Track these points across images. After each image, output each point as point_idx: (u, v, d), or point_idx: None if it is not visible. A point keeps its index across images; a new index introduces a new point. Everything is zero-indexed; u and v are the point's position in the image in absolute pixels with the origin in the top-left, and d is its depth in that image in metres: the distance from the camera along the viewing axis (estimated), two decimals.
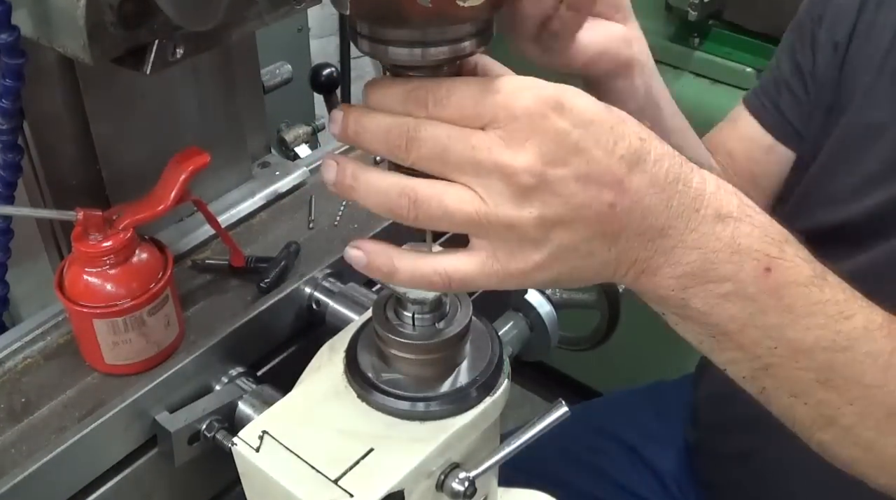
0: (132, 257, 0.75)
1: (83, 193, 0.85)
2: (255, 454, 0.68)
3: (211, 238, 0.91)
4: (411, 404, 0.69)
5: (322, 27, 2.07)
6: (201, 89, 0.89)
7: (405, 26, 0.57)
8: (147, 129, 0.86)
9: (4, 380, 0.78)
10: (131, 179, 0.86)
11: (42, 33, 0.65)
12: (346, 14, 0.55)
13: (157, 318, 0.76)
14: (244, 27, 0.71)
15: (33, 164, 0.82)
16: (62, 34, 0.63)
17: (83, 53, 0.62)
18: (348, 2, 0.54)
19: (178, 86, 0.87)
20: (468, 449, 0.71)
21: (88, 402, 0.76)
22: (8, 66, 0.69)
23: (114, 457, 0.74)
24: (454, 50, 0.57)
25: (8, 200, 0.78)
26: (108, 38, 0.62)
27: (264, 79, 1.06)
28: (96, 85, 0.80)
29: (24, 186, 0.80)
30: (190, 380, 0.77)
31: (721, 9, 1.72)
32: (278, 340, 0.84)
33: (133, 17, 0.62)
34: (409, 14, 0.54)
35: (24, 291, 0.92)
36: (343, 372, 0.72)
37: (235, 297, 0.86)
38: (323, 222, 0.95)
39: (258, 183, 0.98)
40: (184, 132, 0.90)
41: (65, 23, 0.62)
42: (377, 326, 0.71)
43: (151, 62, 0.66)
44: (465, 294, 0.72)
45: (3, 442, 0.73)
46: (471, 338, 0.73)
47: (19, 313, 0.94)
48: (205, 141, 0.90)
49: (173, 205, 0.75)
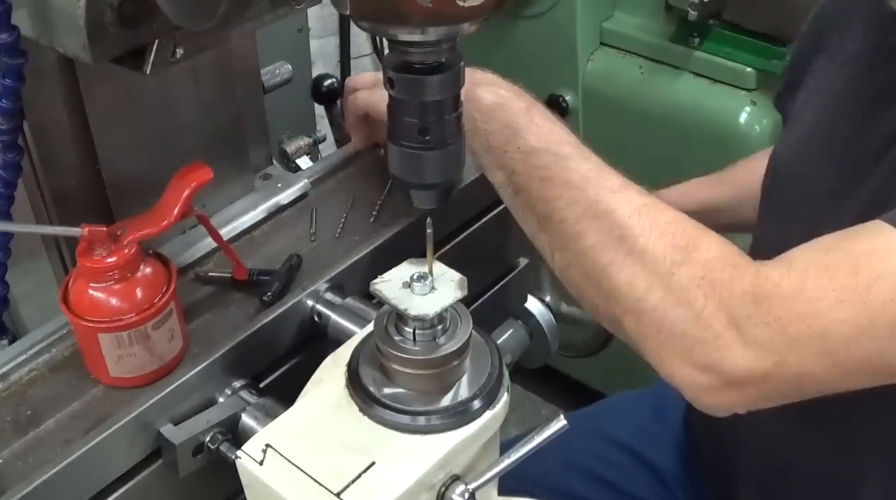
0: (136, 271, 0.76)
1: (83, 193, 0.85)
2: (259, 466, 0.69)
3: (213, 250, 0.92)
4: (412, 418, 0.70)
5: (322, 27, 2.07)
6: (201, 89, 0.90)
7: (406, 25, 0.57)
8: (147, 129, 0.87)
9: (10, 392, 0.79)
10: (131, 178, 0.86)
11: (42, 33, 0.65)
12: (346, 14, 0.56)
13: (161, 332, 0.77)
14: (244, 27, 0.72)
15: (33, 163, 0.82)
16: (62, 34, 0.64)
17: (83, 53, 0.63)
18: (348, 2, 0.55)
19: (178, 86, 0.87)
20: (468, 462, 0.72)
21: (94, 414, 0.77)
22: (8, 67, 0.69)
23: (119, 469, 0.75)
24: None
25: (8, 200, 0.79)
26: (108, 38, 0.63)
27: (264, 79, 1.06)
28: (96, 85, 0.80)
29: (23, 186, 0.80)
30: (194, 393, 0.78)
31: (721, 9, 1.72)
32: (280, 352, 0.85)
33: (133, 17, 0.63)
34: (409, 14, 0.55)
35: (24, 291, 0.92)
36: (345, 386, 0.73)
37: (238, 309, 0.86)
38: (324, 235, 0.95)
39: (260, 195, 0.98)
40: (184, 132, 0.90)
41: (65, 23, 0.62)
42: (378, 341, 0.72)
43: (151, 62, 0.67)
44: (465, 309, 0.73)
45: (10, 454, 0.74)
46: (471, 351, 0.74)
47: (19, 313, 0.95)
48: (205, 142, 0.91)
49: (177, 221, 0.76)
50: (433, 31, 0.59)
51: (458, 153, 0.68)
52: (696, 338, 0.74)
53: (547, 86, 1.89)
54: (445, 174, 0.68)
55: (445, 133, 0.66)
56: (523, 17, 1.87)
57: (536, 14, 1.86)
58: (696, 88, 1.76)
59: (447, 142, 0.66)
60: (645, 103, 1.79)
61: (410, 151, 0.66)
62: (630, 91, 1.81)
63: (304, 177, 1.02)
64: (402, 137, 0.66)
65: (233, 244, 0.92)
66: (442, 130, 0.65)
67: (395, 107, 0.65)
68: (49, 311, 0.92)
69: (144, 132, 0.86)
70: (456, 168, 0.69)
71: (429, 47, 0.61)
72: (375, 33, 0.59)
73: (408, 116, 0.65)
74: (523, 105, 0.86)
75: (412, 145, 0.66)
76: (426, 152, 0.66)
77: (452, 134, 0.67)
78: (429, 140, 0.65)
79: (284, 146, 1.10)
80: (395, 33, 0.60)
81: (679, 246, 0.76)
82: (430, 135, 0.65)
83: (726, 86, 1.73)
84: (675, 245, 0.76)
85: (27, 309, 0.95)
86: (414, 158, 0.66)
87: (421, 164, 0.67)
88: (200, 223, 0.84)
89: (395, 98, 0.65)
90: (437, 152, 0.66)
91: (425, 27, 0.58)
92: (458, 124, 0.67)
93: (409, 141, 0.66)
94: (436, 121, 0.65)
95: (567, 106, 1.89)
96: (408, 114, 0.65)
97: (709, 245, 0.76)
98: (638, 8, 1.81)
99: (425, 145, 0.66)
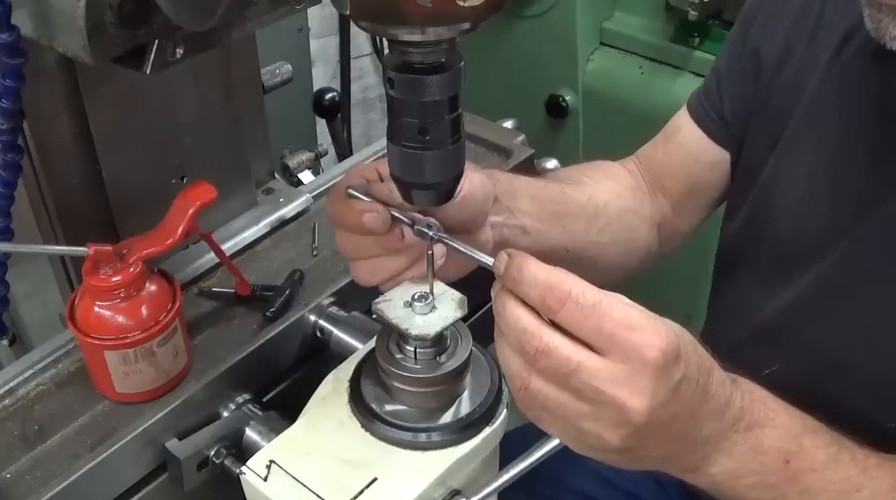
0: (142, 289, 0.77)
1: (83, 193, 0.85)
2: (263, 482, 0.70)
3: (217, 266, 0.93)
4: (413, 435, 0.72)
5: (322, 27, 2.07)
6: (201, 89, 0.90)
7: (406, 25, 0.58)
8: (147, 129, 0.87)
9: (17, 407, 0.80)
10: (131, 178, 0.86)
11: (42, 33, 0.66)
12: (346, 14, 0.57)
13: (166, 348, 0.78)
14: (244, 27, 0.72)
15: (33, 164, 0.82)
16: (62, 34, 0.64)
17: (83, 53, 0.63)
18: (348, 2, 0.56)
19: (178, 86, 0.88)
20: (469, 477, 0.73)
21: (100, 430, 0.78)
22: (8, 67, 0.69)
23: (125, 483, 0.77)
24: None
25: (8, 200, 0.79)
26: (108, 38, 0.63)
27: (264, 78, 1.06)
28: (96, 85, 0.80)
29: (23, 186, 0.81)
30: (198, 408, 0.79)
31: (721, 9, 1.72)
32: (283, 367, 0.86)
33: (133, 17, 0.63)
34: (409, 14, 0.56)
35: (24, 291, 0.93)
36: (347, 402, 0.74)
37: (242, 325, 0.87)
38: (326, 250, 0.96)
39: (262, 210, 0.99)
40: (184, 132, 0.90)
41: (65, 23, 0.62)
42: (380, 359, 0.73)
43: (151, 62, 0.67)
44: (465, 327, 0.74)
45: (18, 469, 0.75)
46: (471, 368, 0.75)
47: (19, 312, 0.96)
48: (205, 141, 0.90)
49: (181, 239, 0.77)
50: (433, 31, 0.59)
51: (458, 153, 0.68)
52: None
53: (547, 86, 1.90)
54: (445, 174, 0.68)
55: (445, 133, 0.66)
56: (523, 17, 1.87)
57: (536, 14, 1.86)
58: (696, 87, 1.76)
59: (447, 142, 0.66)
60: (645, 103, 1.79)
61: (410, 151, 0.66)
62: (630, 91, 1.82)
63: (305, 191, 1.03)
64: (401, 137, 0.66)
65: (235, 259, 0.93)
66: (442, 130, 0.65)
67: (395, 107, 0.65)
68: (49, 311, 0.93)
69: (144, 132, 0.87)
70: (456, 168, 0.69)
71: (429, 47, 0.61)
72: (375, 33, 0.59)
73: (408, 116, 0.65)
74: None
75: (412, 145, 0.66)
76: (426, 152, 0.66)
77: (452, 134, 0.67)
78: (429, 140, 0.65)
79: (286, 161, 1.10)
80: (395, 33, 0.60)
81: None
82: (429, 135, 0.65)
83: None
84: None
85: (27, 309, 0.96)
86: (414, 158, 0.67)
87: (421, 164, 0.67)
88: (204, 241, 0.84)
89: (395, 98, 0.65)
90: (437, 152, 0.66)
91: (425, 27, 0.58)
92: (458, 125, 0.67)
93: (409, 141, 0.66)
94: (435, 121, 0.65)
95: (567, 106, 1.89)
96: (408, 114, 0.65)
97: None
98: (638, 8, 1.81)
99: (425, 145, 0.66)
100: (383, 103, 0.92)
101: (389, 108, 0.66)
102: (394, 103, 0.65)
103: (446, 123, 0.65)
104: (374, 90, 2.32)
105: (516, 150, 1.12)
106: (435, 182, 0.68)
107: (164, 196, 0.81)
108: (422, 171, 0.67)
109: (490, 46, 1.89)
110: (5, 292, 0.86)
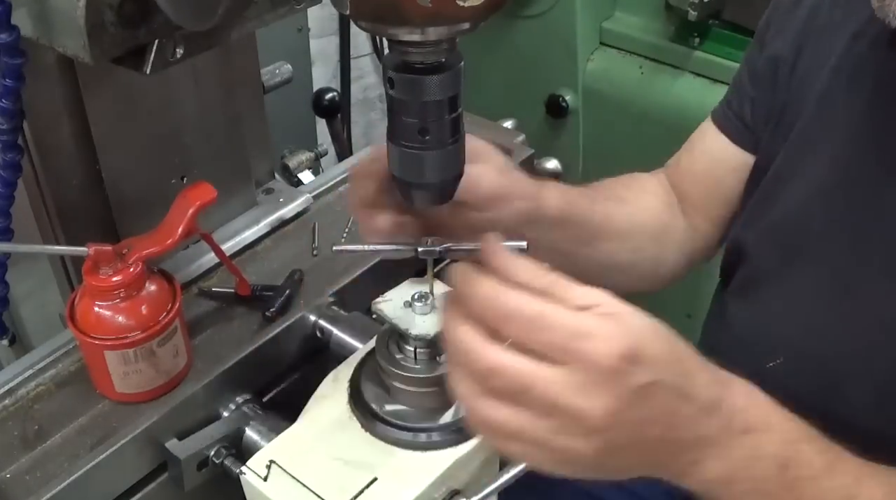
0: (142, 289, 0.77)
1: (83, 192, 0.85)
2: (263, 482, 0.70)
3: (216, 265, 0.93)
4: (413, 435, 0.72)
5: (322, 27, 2.07)
6: (201, 89, 0.90)
7: (405, 25, 0.58)
8: (147, 129, 0.87)
9: (17, 407, 0.80)
10: (131, 178, 0.87)
11: (42, 33, 0.66)
12: (346, 14, 0.57)
13: (166, 348, 0.78)
14: (244, 27, 0.72)
15: (33, 163, 0.82)
16: (62, 34, 0.64)
17: (83, 53, 0.63)
18: (348, 2, 0.56)
19: (178, 86, 0.88)
20: (469, 477, 0.73)
21: (100, 430, 0.78)
22: (8, 66, 0.69)
23: (125, 483, 0.77)
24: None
25: (8, 200, 0.79)
26: (108, 38, 0.63)
27: (264, 78, 1.06)
28: (96, 85, 0.80)
29: (23, 186, 0.81)
30: (198, 408, 0.79)
31: (721, 9, 1.72)
32: (283, 366, 0.86)
33: (133, 17, 0.63)
34: (409, 14, 0.56)
35: (24, 291, 0.93)
36: (347, 402, 0.74)
37: (241, 325, 0.87)
38: (326, 249, 0.96)
39: (262, 210, 0.99)
40: (184, 132, 0.90)
41: (65, 23, 0.63)
42: (380, 359, 0.73)
43: (151, 62, 0.67)
44: None
45: (18, 469, 0.75)
46: None
47: (19, 312, 0.96)
48: (205, 141, 0.90)
49: (181, 240, 0.77)
50: (433, 31, 0.59)
51: (458, 153, 0.68)
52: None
53: (547, 86, 1.89)
54: (445, 174, 0.68)
55: (445, 133, 0.66)
56: (523, 17, 1.87)
57: (536, 14, 1.86)
58: (696, 87, 1.75)
59: (447, 142, 0.66)
60: (645, 103, 1.79)
61: (410, 151, 0.66)
62: (630, 91, 1.81)
63: (305, 191, 1.03)
64: (401, 136, 0.66)
65: (235, 259, 0.93)
66: (442, 129, 0.65)
67: (395, 107, 0.65)
68: (49, 310, 0.93)
69: (144, 132, 0.87)
70: (456, 168, 0.69)
71: (429, 47, 0.61)
72: (375, 33, 0.59)
73: (407, 116, 0.65)
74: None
75: (412, 145, 0.66)
76: (426, 152, 0.66)
77: (452, 134, 0.67)
78: (428, 140, 0.65)
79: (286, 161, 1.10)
80: (395, 33, 0.60)
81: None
82: (429, 135, 0.65)
83: (726, 86, 1.72)
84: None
85: (27, 309, 0.96)
86: (414, 158, 0.67)
87: (421, 164, 0.67)
88: (204, 241, 0.84)
89: (394, 98, 0.65)
90: (437, 152, 0.66)
91: (425, 27, 0.59)
92: (458, 125, 0.67)
93: (409, 141, 0.66)
94: (436, 121, 0.65)
95: (567, 106, 1.89)
96: (408, 114, 0.65)
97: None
98: (638, 8, 1.81)
99: (425, 145, 0.66)
100: (383, 103, 0.92)
101: (389, 108, 0.66)
102: (394, 103, 0.65)
103: (446, 123, 0.65)
104: (374, 90, 2.32)
105: (516, 150, 1.12)
106: (435, 182, 0.68)
107: (164, 196, 0.81)
108: (422, 171, 0.67)
109: (490, 46, 1.89)
110: (5, 292, 0.86)
